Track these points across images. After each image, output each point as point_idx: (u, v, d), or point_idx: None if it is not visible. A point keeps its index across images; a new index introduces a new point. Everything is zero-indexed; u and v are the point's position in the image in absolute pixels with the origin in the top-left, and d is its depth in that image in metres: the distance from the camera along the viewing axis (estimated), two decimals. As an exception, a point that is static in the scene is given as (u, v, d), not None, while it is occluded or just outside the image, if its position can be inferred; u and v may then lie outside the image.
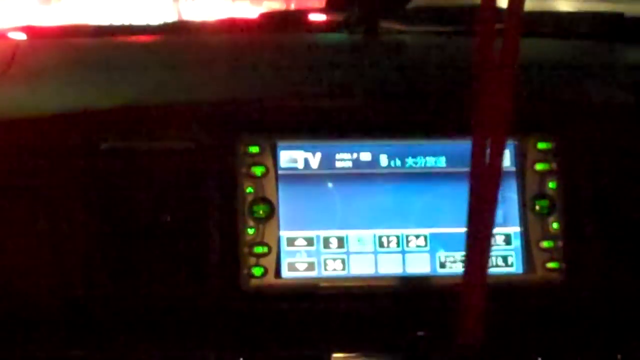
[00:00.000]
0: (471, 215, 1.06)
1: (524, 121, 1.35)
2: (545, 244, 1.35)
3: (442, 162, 1.37)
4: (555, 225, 1.35)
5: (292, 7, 2.54)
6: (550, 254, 1.35)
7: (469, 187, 1.06)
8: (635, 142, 1.39)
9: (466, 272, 1.09)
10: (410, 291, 1.33)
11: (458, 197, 1.35)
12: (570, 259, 1.35)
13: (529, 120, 1.36)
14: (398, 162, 1.37)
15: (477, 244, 1.07)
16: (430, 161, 1.37)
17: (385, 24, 1.63)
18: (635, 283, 1.36)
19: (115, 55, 1.53)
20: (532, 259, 1.34)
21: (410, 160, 1.37)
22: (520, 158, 1.37)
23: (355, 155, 1.36)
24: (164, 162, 1.34)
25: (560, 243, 1.35)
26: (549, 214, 1.36)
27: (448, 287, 1.32)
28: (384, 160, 1.37)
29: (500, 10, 1.01)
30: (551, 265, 1.34)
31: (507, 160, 1.37)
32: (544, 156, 1.37)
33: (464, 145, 1.36)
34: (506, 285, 1.34)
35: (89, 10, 2.57)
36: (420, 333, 1.32)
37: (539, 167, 1.37)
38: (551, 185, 1.36)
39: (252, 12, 2.33)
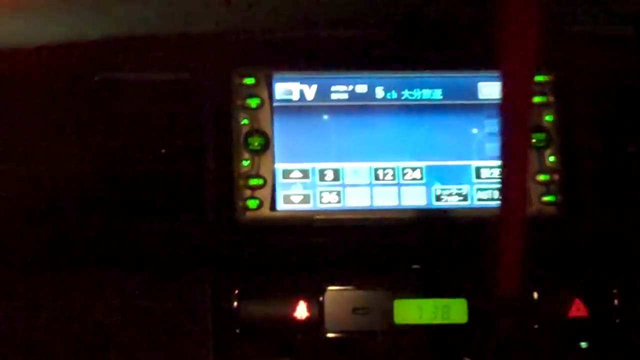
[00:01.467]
0: (505, 154, 0.98)
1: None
2: (541, 177, 1.34)
3: (438, 94, 1.36)
4: (551, 159, 1.35)
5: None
6: (546, 188, 1.34)
7: (499, 125, 0.96)
8: (633, 74, 1.38)
9: (503, 215, 1.01)
10: (406, 224, 1.33)
11: (454, 129, 1.34)
12: (566, 192, 1.35)
13: None
14: (394, 94, 1.36)
15: (513, 184, 1.00)
16: (427, 93, 1.36)
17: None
18: (630, 216, 1.36)
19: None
20: (528, 193, 1.34)
21: (406, 93, 1.36)
22: None
23: (351, 87, 1.35)
24: (158, 94, 1.33)
25: (556, 176, 1.35)
26: (545, 147, 1.35)
27: (443, 220, 1.32)
28: (380, 92, 1.36)
29: None
30: (547, 198, 1.34)
31: (504, 92, 1.36)
32: (540, 89, 1.36)
33: (460, 78, 1.37)
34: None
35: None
36: (415, 266, 1.33)
37: (535, 99, 1.36)
38: (547, 118, 1.36)
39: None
